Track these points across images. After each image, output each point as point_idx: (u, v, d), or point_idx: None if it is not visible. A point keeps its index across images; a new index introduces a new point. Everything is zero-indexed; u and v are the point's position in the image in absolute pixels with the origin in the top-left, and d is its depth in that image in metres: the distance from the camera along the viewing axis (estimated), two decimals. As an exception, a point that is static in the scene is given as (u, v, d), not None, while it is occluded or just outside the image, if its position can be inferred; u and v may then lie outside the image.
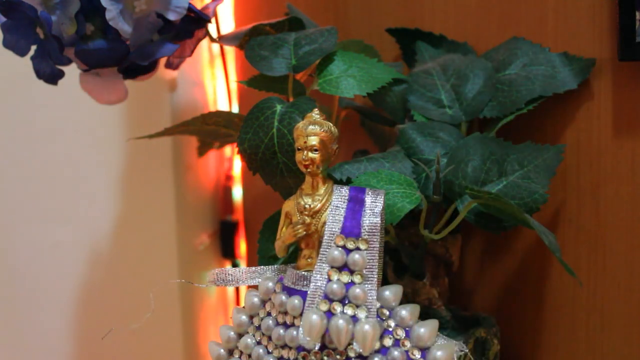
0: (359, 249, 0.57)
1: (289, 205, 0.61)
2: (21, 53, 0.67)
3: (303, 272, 0.59)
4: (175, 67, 0.76)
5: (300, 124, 0.60)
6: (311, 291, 0.57)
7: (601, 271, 0.73)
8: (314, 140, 0.59)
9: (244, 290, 0.97)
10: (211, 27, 0.75)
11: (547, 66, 0.71)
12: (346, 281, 0.57)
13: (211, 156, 0.95)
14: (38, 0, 0.64)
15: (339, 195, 0.59)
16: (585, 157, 0.72)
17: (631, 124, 0.70)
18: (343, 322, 0.55)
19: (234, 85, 0.92)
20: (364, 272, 0.57)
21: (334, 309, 0.56)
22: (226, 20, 0.92)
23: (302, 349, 0.57)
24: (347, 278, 0.57)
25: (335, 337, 0.55)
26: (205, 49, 0.93)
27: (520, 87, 0.70)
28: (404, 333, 0.57)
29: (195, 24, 0.71)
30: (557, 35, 0.72)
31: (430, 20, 0.79)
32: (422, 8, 0.79)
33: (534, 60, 0.71)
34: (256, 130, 0.65)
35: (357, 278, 0.57)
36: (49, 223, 0.93)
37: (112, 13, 0.64)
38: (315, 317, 0.55)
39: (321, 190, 0.60)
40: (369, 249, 0.57)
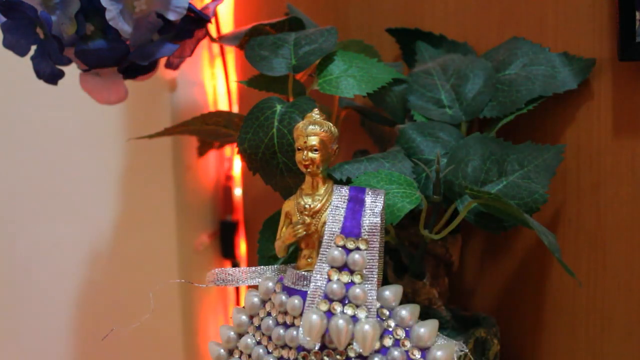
0: (359, 249, 0.57)
1: (289, 205, 0.61)
2: (21, 53, 0.67)
3: (303, 272, 0.59)
4: (175, 67, 0.76)
5: (300, 124, 0.60)
6: (311, 291, 0.57)
7: (601, 271, 0.73)
8: (314, 140, 0.59)
9: (244, 290, 0.97)
10: (211, 27, 0.75)
11: (547, 66, 0.71)
12: (346, 281, 0.57)
13: (211, 156, 0.94)
14: (38, 0, 0.64)
15: (339, 195, 0.59)
16: (585, 157, 0.72)
17: (631, 124, 0.70)
18: (343, 322, 0.55)
19: (234, 85, 0.92)
20: (364, 272, 0.57)
21: (334, 309, 0.56)
22: (226, 20, 0.92)
23: (302, 349, 0.57)
24: (347, 278, 0.57)
25: (335, 337, 0.55)
26: (205, 49, 0.93)
27: (520, 87, 0.70)
28: (404, 333, 0.57)
29: (195, 24, 0.71)
30: (557, 35, 0.72)
31: (430, 20, 0.79)
32: (422, 8, 0.79)
33: (534, 60, 0.71)
34: (256, 130, 0.65)
35: (357, 278, 0.57)
36: (49, 223, 0.92)
37: (112, 13, 0.64)
38: (315, 317, 0.55)
39: (321, 190, 0.60)
40: (369, 249, 0.57)
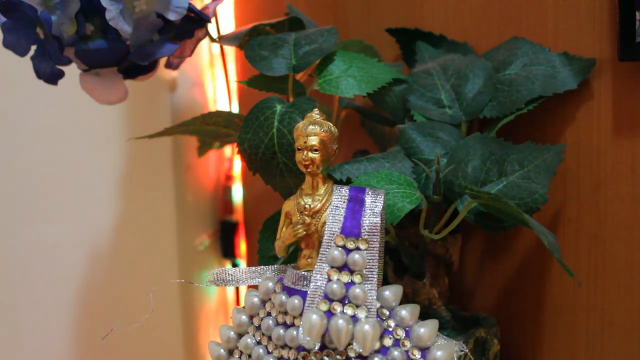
0: (359, 249, 0.57)
1: (289, 205, 0.61)
2: (21, 53, 0.67)
3: (303, 272, 0.59)
4: (175, 67, 0.76)
5: (300, 124, 0.60)
6: (311, 291, 0.57)
7: (601, 271, 0.73)
8: (314, 140, 0.59)
9: (244, 290, 0.97)
10: (211, 27, 0.75)
11: (547, 66, 0.71)
12: (346, 281, 0.57)
13: (211, 156, 0.95)
14: (38, 0, 0.64)
15: (339, 195, 0.59)
16: (585, 157, 0.72)
17: (631, 124, 0.70)
18: (343, 322, 0.55)
19: (234, 85, 0.92)
20: (364, 272, 0.57)
21: (333, 309, 0.56)
22: (226, 20, 0.92)
23: (302, 349, 0.57)
24: (347, 278, 0.57)
25: (335, 337, 0.55)
26: (205, 49, 0.93)
27: (520, 87, 0.70)
28: (404, 333, 0.57)
29: (195, 24, 0.71)
30: (557, 35, 0.72)
31: (430, 20, 0.79)
32: (422, 8, 0.79)
33: (534, 60, 0.71)
34: (256, 130, 0.65)
35: (357, 278, 0.57)
36: (49, 223, 0.92)
37: (112, 13, 0.64)
38: (315, 317, 0.55)
39: (321, 190, 0.60)
40: (369, 249, 0.57)
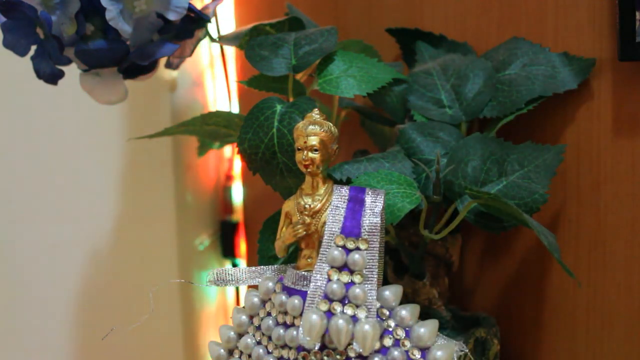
0: (359, 249, 0.57)
1: (289, 205, 0.61)
2: (21, 53, 0.67)
3: (303, 272, 0.59)
4: (175, 67, 0.76)
5: (300, 124, 0.60)
6: (311, 291, 0.57)
7: (601, 271, 0.73)
8: (314, 140, 0.59)
9: (244, 290, 0.97)
10: (211, 27, 0.75)
11: (547, 66, 0.71)
12: (346, 281, 0.57)
13: (211, 156, 0.95)
14: (38, 0, 0.64)
15: (339, 195, 0.59)
16: (585, 157, 0.72)
17: (631, 124, 0.70)
18: (343, 322, 0.55)
19: (234, 85, 0.92)
20: (364, 272, 0.57)
21: (333, 309, 0.56)
22: (226, 20, 0.92)
23: (302, 349, 0.57)
24: (347, 278, 0.57)
25: (335, 337, 0.55)
26: (205, 49, 0.93)
27: (520, 87, 0.70)
28: (404, 333, 0.57)
29: (195, 24, 0.71)
30: (557, 35, 0.72)
31: (430, 20, 0.79)
32: (422, 8, 0.79)
33: (534, 60, 0.71)
34: (256, 130, 0.65)
35: (357, 278, 0.57)
36: (49, 223, 0.93)
37: (112, 13, 0.64)
38: (315, 317, 0.55)
39: (321, 190, 0.60)
40: (369, 249, 0.57)
